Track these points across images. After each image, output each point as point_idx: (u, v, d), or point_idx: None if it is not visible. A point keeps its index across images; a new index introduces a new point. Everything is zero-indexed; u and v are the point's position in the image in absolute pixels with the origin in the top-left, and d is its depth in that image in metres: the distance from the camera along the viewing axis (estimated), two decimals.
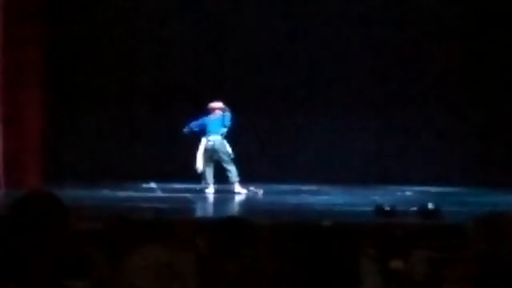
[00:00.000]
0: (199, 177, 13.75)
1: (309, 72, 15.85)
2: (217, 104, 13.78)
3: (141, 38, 15.72)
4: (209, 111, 13.77)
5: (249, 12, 15.78)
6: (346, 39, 15.81)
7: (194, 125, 13.73)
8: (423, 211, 10.73)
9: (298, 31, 15.84)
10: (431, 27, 15.85)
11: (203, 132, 13.67)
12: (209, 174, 13.62)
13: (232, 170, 13.60)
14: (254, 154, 15.08)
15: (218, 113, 13.70)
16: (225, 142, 13.59)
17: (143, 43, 15.76)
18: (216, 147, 13.53)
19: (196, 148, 13.69)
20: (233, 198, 13.48)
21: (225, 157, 13.55)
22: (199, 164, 13.60)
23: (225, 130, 13.65)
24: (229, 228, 4.29)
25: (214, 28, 15.80)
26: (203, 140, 13.64)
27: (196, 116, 13.76)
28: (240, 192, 13.66)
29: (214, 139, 13.56)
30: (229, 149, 13.57)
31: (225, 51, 15.79)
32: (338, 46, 15.78)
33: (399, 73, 15.92)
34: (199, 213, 12.56)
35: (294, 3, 15.91)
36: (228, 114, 13.61)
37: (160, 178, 14.85)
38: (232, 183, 13.67)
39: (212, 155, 13.56)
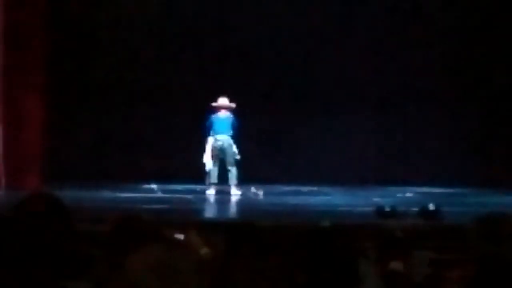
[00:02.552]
0: (200, 178, 13.74)
1: (309, 73, 15.85)
2: (223, 102, 13.72)
3: (141, 38, 15.72)
4: (215, 110, 13.71)
5: (249, 12, 15.77)
6: (346, 39, 15.81)
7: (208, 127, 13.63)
8: (424, 212, 10.74)
9: (298, 32, 15.84)
10: (431, 27, 15.85)
11: (210, 130, 13.60)
12: (214, 173, 13.59)
13: (234, 173, 13.59)
14: (254, 155, 15.07)
15: (226, 113, 13.65)
16: (232, 142, 13.58)
17: (143, 43, 15.76)
18: (224, 147, 13.52)
19: (196, 149, 13.68)
20: (234, 199, 13.48)
21: (230, 159, 13.55)
22: (209, 162, 13.56)
23: (233, 132, 13.60)
24: (234, 232, 4.31)
25: (214, 29, 15.80)
26: (210, 139, 13.60)
27: (203, 116, 13.68)
28: (235, 194, 13.64)
29: (223, 139, 13.54)
30: (235, 151, 13.56)
31: (225, 52, 15.79)
32: (338, 46, 15.78)
33: (399, 73, 15.92)
34: (200, 214, 12.55)
35: (294, 3, 15.91)
36: (235, 120, 13.56)
37: (160, 179, 14.85)
38: (230, 185, 13.66)
39: (218, 155, 13.54)
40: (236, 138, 13.62)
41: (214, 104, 13.73)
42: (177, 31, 15.77)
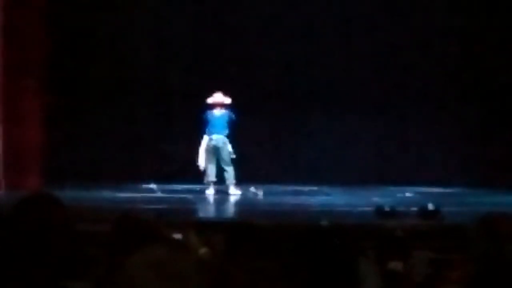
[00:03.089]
0: (199, 178, 13.73)
1: (309, 72, 15.84)
2: (218, 98, 13.69)
3: (141, 38, 15.72)
4: (210, 106, 13.69)
5: (249, 12, 15.77)
6: (346, 40, 15.81)
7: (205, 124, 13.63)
8: (423, 212, 10.74)
9: (298, 32, 15.83)
10: (431, 28, 15.84)
11: (205, 128, 13.60)
12: (212, 171, 13.55)
13: (230, 172, 13.55)
14: (254, 155, 15.07)
15: (221, 110, 13.63)
16: (227, 141, 13.55)
17: (143, 43, 15.76)
18: (219, 146, 13.50)
19: (196, 148, 13.68)
20: (233, 199, 13.47)
21: (225, 158, 13.52)
22: (201, 161, 13.56)
23: (229, 129, 13.57)
24: (234, 232, 4.31)
25: (214, 28, 15.79)
26: (205, 138, 13.58)
27: (200, 113, 13.69)
28: (235, 194, 13.62)
29: (217, 138, 13.52)
30: (231, 150, 13.54)
31: (225, 51, 15.79)
32: (338, 47, 15.78)
33: (399, 73, 15.91)
34: (199, 214, 12.55)
35: (294, 4, 15.91)
36: (232, 114, 13.54)
37: (160, 179, 14.85)
38: (228, 185, 13.63)
39: (214, 153, 13.52)
40: (232, 135, 13.59)
41: (209, 100, 13.70)
42: (177, 31, 15.76)
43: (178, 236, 4.88)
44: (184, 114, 15.31)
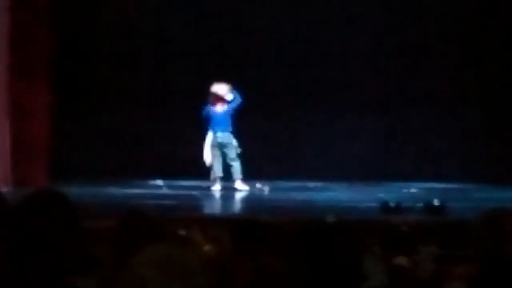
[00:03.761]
0: (205, 174, 13.74)
1: (312, 70, 15.81)
2: (221, 90, 13.67)
3: (142, 38, 15.74)
4: (211, 103, 13.65)
5: (249, 12, 15.76)
6: (346, 39, 15.78)
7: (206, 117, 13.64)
8: (429, 208, 10.75)
9: (298, 31, 15.82)
10: (431, 27, 15.83)
11: (208, 125, 13.60)
12: (218, 167, 13.54)
13: (236, 167, 13.54)
14: (258, 151, 15.06)
15: (223, 106, 13.61)
16: (232, 137, 13.56)
17: (144, 43, 15.79)
18: (224, 143, 13.51)
19: (201, 144, 13.68)
20: (239, 195, 13.47)
21: (231, 153, 13.51)
22: (207, 157, 13.55)
23: (232, 124, 13.58)
24: (239, 228, 4.33)
25: (214, 28, 15.79)
26: (209, 134, 13.59)
27: (202, 110, 13.71)
28: (242, 189, 13.61)
29: (222, 135, 13.52)
30: (236, 144, 13.53)
31: (225, 51, 15.78)
32: (339, 46, 15.75)
33: (401, 72, 15.88)
34: (205, 210, 12.57)
35: (294, 3, 15.90)
36: (235, 101, 13.51)
37: (166, 175, 14.85)
38: (234, 180, 13.63)
39: (219, 149, 13.53)
40: (236, 129, 13.58)
41: (213, 89, 13.61)
42: (178, 30, 15.76)
43: (183, 232, 4.90)
44: (190, 110, 15.31)
